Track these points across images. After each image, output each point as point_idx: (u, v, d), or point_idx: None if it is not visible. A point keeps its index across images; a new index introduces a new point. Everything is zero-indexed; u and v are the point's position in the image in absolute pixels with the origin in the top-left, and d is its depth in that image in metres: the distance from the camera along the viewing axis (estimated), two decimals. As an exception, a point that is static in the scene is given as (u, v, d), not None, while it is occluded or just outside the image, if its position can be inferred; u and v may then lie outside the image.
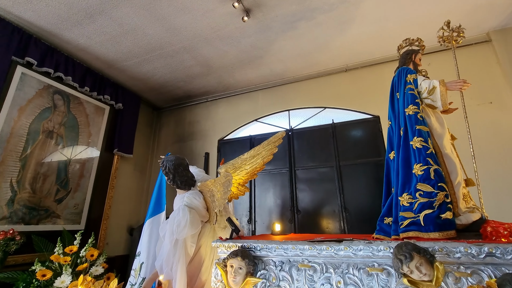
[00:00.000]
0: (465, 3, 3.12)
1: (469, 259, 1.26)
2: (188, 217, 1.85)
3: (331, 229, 3.77)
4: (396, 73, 2.16)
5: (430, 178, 1.58)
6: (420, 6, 3.17)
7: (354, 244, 1.44)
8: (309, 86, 4.53)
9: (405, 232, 1.56)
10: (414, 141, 1.72)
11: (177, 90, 5.02)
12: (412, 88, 1.92)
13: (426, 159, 1.63)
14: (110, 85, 4.47)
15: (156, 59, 4.12)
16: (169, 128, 5.48)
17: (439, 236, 1.45)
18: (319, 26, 3.48)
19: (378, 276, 1.35)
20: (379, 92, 4.02)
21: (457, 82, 1.82)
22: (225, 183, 1.77)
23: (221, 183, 1.79)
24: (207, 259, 1.97)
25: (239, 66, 4.33)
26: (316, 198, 4.00)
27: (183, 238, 1.83)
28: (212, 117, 5.14)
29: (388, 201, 1.85)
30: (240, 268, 1.54)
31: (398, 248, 1.27)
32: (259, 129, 4.72)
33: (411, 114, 1.82)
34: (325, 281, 1.44)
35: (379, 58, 4.05)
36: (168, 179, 2.08)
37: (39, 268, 2.50)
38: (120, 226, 4.57)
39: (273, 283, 1.54)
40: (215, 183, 1.82)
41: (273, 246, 1.60)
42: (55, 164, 3.60)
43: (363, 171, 3.86)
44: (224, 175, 1.75)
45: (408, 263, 1.21)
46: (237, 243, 1.70)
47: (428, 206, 1.52)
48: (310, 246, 1.51)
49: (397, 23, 3.42)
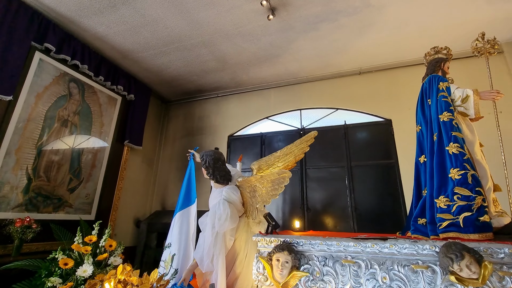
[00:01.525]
0: (483, 15, 3.23)
1: (510, 260, 1.36)
2: (228, 211, 1.89)
3: (341, 227, 3.87)
4: (427, 80, 2.24)
5: (467, 183, 1.67)
6: (439, 14, 3.27)
7: (400, 243, 1.52)
8: (322, 87, 4.59)
9: (444, 232, 1.65)
10: (450, 147, 1.80)
11: (189, 84, 4.99)
12: (446, 95, 2.01)
13: (463, 164, 1.72)
14: (124, 76, 4.41)
15: (173, 52, 4.09)
16: (178, 122, 5.45)
17: (478, 238, 1.55)
18: (341, 28, 3.54)
19: (424, 273, 1.44)
20: (392, 96, 4.14)
21: (490, 92, 1.92)
22: (277, 180, 1.81)
23: (270, 180, 1.83)
24: (241, 253, 2.02)
25: (255, 64, 4.35)
26: (326, 197, 4.09)
27: (223, 231, 1.87)
28: (222, 113, 5.14)
29: (421, 203, 1.94)
30: (286, 262, 1.60)
31: (448, 247, 1.35)
32: (270, 127, 4.76)
33: (446, 120, 1.90)
34: (370, 276, 1.51)
35: (393, 63, 4.15)
36: (208, 173, 2.10)
37: (61, 256, 2.48)
38: (127, 218, 4.56)
39: (317, 277, 1.60)
40: (261, 179, 1.86)
41: (316, 242, 1.66)
42: (69, 153, 3.55)
43: (374, 173, 3.97)
44: (278, 172, 1.79)
45: (459, 261, 1.29)
46: (279, 238, 1.75)
47: (466, 209, 1.62)
48: (355, 243, 1.58)
49: (414, 29, 3.51)
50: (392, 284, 1.46)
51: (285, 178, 1.77)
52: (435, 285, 1.40)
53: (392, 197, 3.77)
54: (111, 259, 2.80)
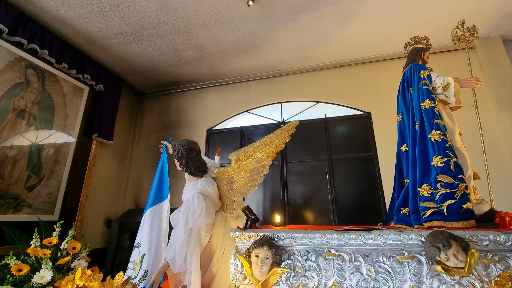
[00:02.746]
0: (461, 10, 3.27)
1: (496, 247, 1.32)
2: (203, 205, 1.73)
3: (321, 221, 3.83)
4: (408, 69, 2.21)
5: (450, 170, 1.64)
6: (418, 7, 3.28)
7: (385, 233, 1.44)
8: (303, 80, 4.53)
9: (429, 221, 1.60)
10: (432, 134, 1.77)
11: (164, 75, 4.72)
12: (427, 83, 1.98)
13: (446, 152, 1.69)
14: (91, 64, 4.07)
15: (146, 39, 3.82)
16: (153, 115, 5.16)
17: (462, 225, 1.52)
18: (321, 18, 3.47)
19: (409, 264, 1.37)
20: (371, 89, 4.15)
21: (470, 80, 1.91)
22: (256, 169, 1.66)
23: (248, 169, 1.68)
24: (218, 250, 1.87)
25: (234, 54, 4.18)
26: (307, 191, 4.04)
27: (198, 227, 1.71)
28: (200, 106, 4.93)
29: (403, 192, 1.90)
30: (266, 258, 1.47)
31: (434, 236, 1.29)
32: (251, 121, 4.63)
33: (427, 108, 1.87)
34: (354, 270, 1.43)
35: (373, 56, 4.16)
36: (181, 164, 1.92)
37: (14, 262, 2.20)
38: (97, 217, 4.24)
39: (299, 273, 1.49)
40: (239, 169, 1.71)
41: (298, 236, 1.56)
42: (27, 148, 3.20)
43: (353, 166, 3.97)
44: (257, 160, 1.64)
45: (447, 250, 1.24)
46: (259, 232, 1.62)
47: (450, 197, 1.58)
48: (339, 235, 1.49)
49: (394, 22, 3.51)
50: (377, 277, 1.38)
51: (264, 166, 1.64)
52: (421, 276, 1.34)
53: (371, 190, 3.78)
54: (75, 262, 2.54)
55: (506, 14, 3.38)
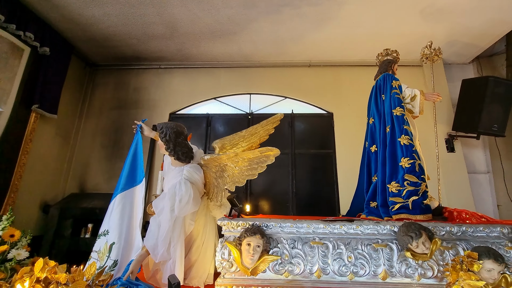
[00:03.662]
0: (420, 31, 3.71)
1: (449, 236, 1.60)
2: (191, 193, 1.65)
3: (282, 211, 4.00)
4: (381, 77, 2.43)
5: (415, 171, 1.90)
6: (386, 22, 3.61)
7: (365, 224, 1.61)
8: (274, 74, 4.60)
9: (397, 214, 1.83)
10: (402, 138, 2.01)
11: (125, 47, 4.27)
12: (398, 92, 2.22)
13: (412, 154, 1.94)
14: (36, 22, 3.44)
15: (110, 4, 3.38)
16: (107, 91, 4.64)
17: (423, 218, 1.78)
18: (301, 16, 3.55)
19: (383, 250, 1.56)
20: (335, 91, 4.45)
21: (433, 94, 2.21)
22: (257, 158, 1.63)
23: (247, 158, 1.64)
24: (199, 239, 1.81)
25: (209, 37, 4.01)
26: (270, 182, 4.17)
27: (184, 215, 1.62)
28: (164, 87, 4.61)
29: (372, 188, 2.12)
30: (258, 246, 1.49)
31: (408, 227, 1.49)
32: (218, 109, 4.53)
33: (398, 115, 2.11)
34: (337, 256, 1.55)
35: (340, 61, 4.45)
36: (168, 148, 1.78)
37: None
38: (31, 201, 3.67)
39: (286, 260, 1.56)
40: (235, 157, 1.65)
41: (286, 225, 1.62)
42: None
43: (314, 161, 4.23)
44: (261, 150, 1.61)
45: (418, 239, 1.44)
46: (248, 221, 1.63)
47: (414, 194, 1.83)
48: (325, 225, 1.60)
49: (365, 32, 3.80)
50: (356, 262, 1.54)
51: (269, 156, 1.63)
52: (392, 261, 1.54)
53: (328, 184, 4.10)
54: (13, 252, 2.18)
55: (449, 41, 3.96)
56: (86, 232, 3.68)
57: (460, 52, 4.20)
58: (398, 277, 1.52)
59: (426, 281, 1.51)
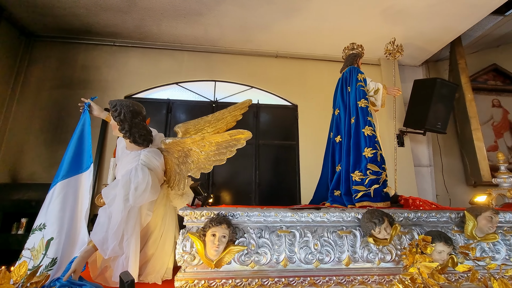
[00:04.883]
0: (380, 31, 3.89)
1: (406, 222, 1.68)
2: (149, 180, 1.47)
3: (245, 202, 3.95)
4: (347, 70, 2.48)
5: (377, 160, 1.97)
6: (350, 19, 3.72)
7: (331, 211, 1.61)
8: (240, 62, 4.47)
9: (359, 202, 1.88)
10: (365, 129, 2.07)
11: (72, 17, 3.74)
12: (363, 85, 2.28)
13: (375, 145, 2.01)
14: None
15: (53, -37, 2.90)
16: (48, 67, 4.03)
17: (383, 205, 1.86)
18: (270, 4, 3.47)
19: (347, 237, 1.58)
20: (300, 84, 4.50)
21: (393, 89, 2.32)
22: (226, 142, 1.48)
23: (215, 142, 1.49)
24: (157, 231, 1.64)
25: (172, 16, 3.70)
26: (233, 173, 4.08)
27: (140, 205, 1.44)
28: (119, 67, 4.18)
29: (336, 177, 2.16)
30: (223, 237, 1.39)
31: (371, 214, 1.53)
32: (180, 94, 4.26)
33: (363, 106, 2.17)
34: (303, 245, 1.53)
35: (306, 54, 4.49)
36: (122, 129, 1.55)
37: None
38: None
39: (252, 250, 1.49)
40: (202, 141, 1.49)
41: (254, 214, 1.54)
42: None
43: (277, 152, 4.25)
44: (231, 133, 1.46)
45: (380, 225, 1.49)
46: (213, 210, 1.51)
47: (376, 182, 1.90)
48: (292, 213, 1.56)
49: (330, 27, 3.87)
50: (322, 249, 1.54)
51: (239, 140, 1.51)
52: (355, 247, 1.57)
53: (290, 175, 4.16)
54: None
55: (405, 44, 4.22)
56: (19, 228, 3.20)
57: (413, 55, 4.54)
58: (360, 263, 1.56)
59: (385, 265, 1.58)
